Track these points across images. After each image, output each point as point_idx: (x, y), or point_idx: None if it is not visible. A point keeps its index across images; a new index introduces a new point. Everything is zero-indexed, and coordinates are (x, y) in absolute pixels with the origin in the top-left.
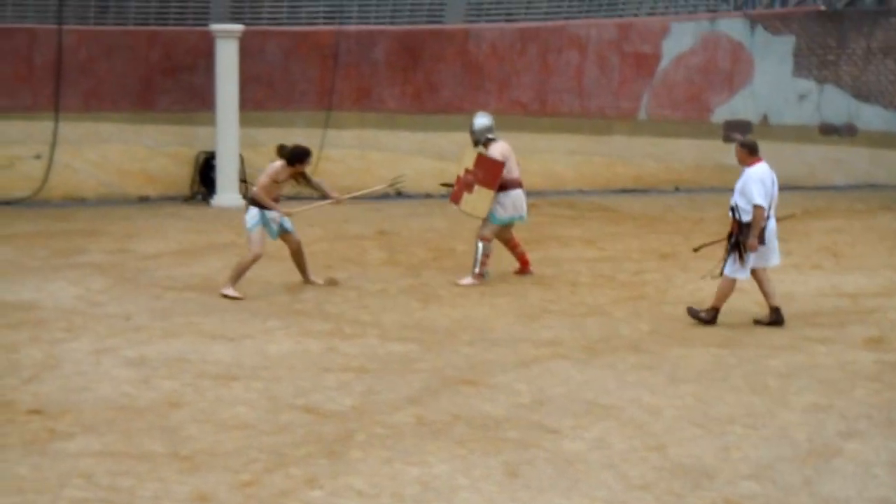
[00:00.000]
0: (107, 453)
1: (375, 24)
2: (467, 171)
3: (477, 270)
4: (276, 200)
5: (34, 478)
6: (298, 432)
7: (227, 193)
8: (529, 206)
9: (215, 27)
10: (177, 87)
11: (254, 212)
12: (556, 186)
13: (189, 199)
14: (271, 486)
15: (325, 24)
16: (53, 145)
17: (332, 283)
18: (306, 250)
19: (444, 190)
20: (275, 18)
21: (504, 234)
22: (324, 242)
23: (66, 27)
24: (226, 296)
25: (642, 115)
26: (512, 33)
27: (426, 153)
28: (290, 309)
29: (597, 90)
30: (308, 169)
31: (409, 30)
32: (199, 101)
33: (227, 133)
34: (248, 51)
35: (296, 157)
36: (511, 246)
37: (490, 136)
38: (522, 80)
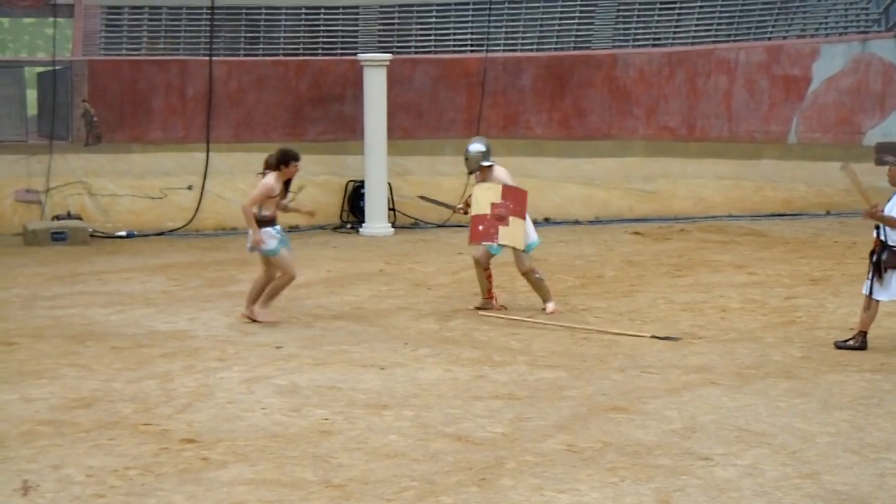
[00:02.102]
0: (259, 481)
1: (522, 50)
2: (495, 205)
3: (549, 294)
4: (274, 217)
5: None
6: (449, 460)
7: (377, 222)
8: (678, 231)
9: (363, 56)
10: (326, 116)
11: (270, 233)
12: (705, 211)
13: (338, 227)
14: None
15: (472, 51)
16: (205, 176)
17: (250, 319)
18: (448, 279)
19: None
20: (422, 46)
21: (487, 260)
22: (471, 270)
23: (216, 59)
24: (262, 321)
25: (792, 138)
26: (660, 58)
27: (574, 179)
28: (440, 337)
29: (746, 114)
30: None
31: (556, 56)
32: (348, 130)
33: (375, 162)
34: (396, 79)
35: (285, 157)
36: (488, 275)
37: (486, 162)
38: (670, 105)
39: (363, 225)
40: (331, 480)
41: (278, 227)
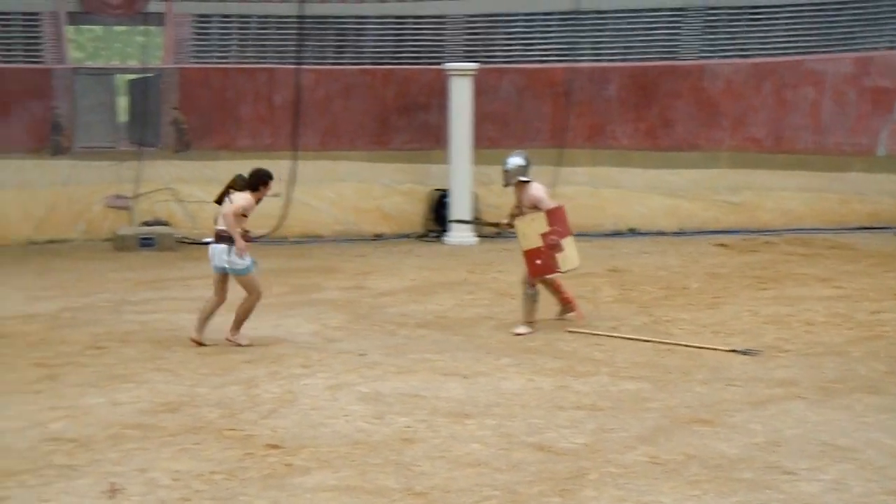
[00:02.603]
0: (342, 488)
1: (608, 60)
2: (545, 235)
3: (533, 320)
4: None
5: None
6: (531, 470)
7: (460, 231)
8: (763, 244)
9: (449, 66)
10: (411, 125)
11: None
12: (790, 224)
13: (422, 236)
14: None
15: (558, 61)
16: (292, 184)
17: (200, 344)
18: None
19: (491, 230)
20: (508, 56)
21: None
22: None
23: (304, 67)
24: (238, 343)
25: (880, 150)
26: (747, 69)
27: (659, 190)
28: (523, 347)
29: (833, 126)
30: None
31: (642, 66)
32: (434, 139)
33: (460, 171)
34: (482, 88)
35: (260, 179)
36: (555, 286)
37: (524, 178)
38: (757, 117)
39: (447, 234)
40: (413, 488)
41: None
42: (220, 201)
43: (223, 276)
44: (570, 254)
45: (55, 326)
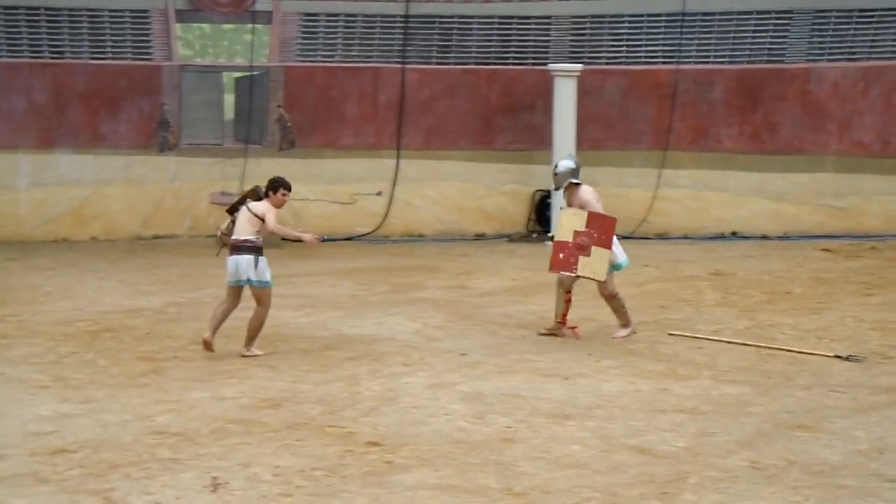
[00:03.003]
0: (442, 487)
1: (714, 63)
2: (578, 233)
3: (629, 321)
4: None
5: None
6: (631, 472)
7: None
8: (869, 249)
9: (554, 66)
10: (515, 125)
11: (264, 262)
12: None
13: (524, 236)
14: None
15: (663, 62)
16: (395, 182)
17: (210, 347)
18: (633, 290)
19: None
20: (613, 57)
21: (571, 283)
22: (658, 283)
23: (409, 66)
24: (254, 355)
25: None
26: (855, 72)
27: (763, 194)
28: (624, 349)
29: None
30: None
31: (749, 69)
32: (537, 140)
33: None
34: (587, 90)
35: (274, 185)
36: (568, 298)
37: (575, 180)
38: (864, 121)
39: (549, 234)
40: (513, 488)
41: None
42: (233, 211)
43: (239, 287)
44: (595, 263)
45: (160, 321)
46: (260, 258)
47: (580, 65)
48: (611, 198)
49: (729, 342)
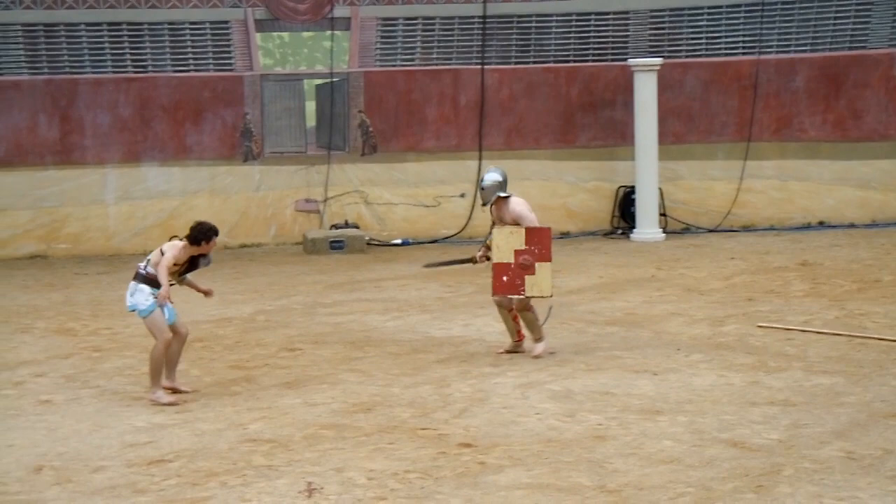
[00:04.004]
0: (535, 486)
1: (795, 51)
2: (518, 252)
3: (542, 335)
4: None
5: None
6: (725, 466)
7: (648, 227)
8: None
9: (634, 61)
10: (596, 122)
11: (146, 292)
12: None
13: (609, 233)
14: None
15: (743, 53)
16: (477, 184)
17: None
18: (720, 284)
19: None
20: (693, 50)
21: (510, 301)
22: (745, 275)
23: (488, 67)
24: (158, 402)
25: None
26: None
27: (849, 182)
28: (713, 342)
29: None
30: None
31: (831, 56)
32: (619, 136)
33: (646, 167)
34: (667, 83)
35: (202, 234)
36: (514, 315)
37: (503, 193)
38: None
39: (634, 230)
40: (606, 485)
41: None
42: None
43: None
44: (541, 280)
45: (250, 329)
46: (140, 286)
47: (660, 59)
48: (695, 191)
49: (819, 332)
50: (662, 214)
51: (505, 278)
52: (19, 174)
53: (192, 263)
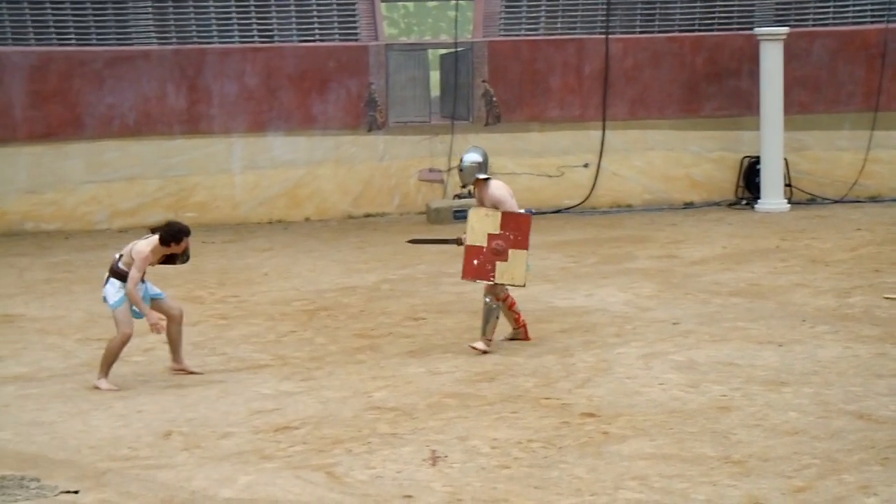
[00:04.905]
0: (659, 456)
1: None
2: (492, 236)
3: (492, 337)
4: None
5: (591, 479)
6: (850, 438)
7: (773, 198)
8: None
9: (760, 31)
10: (721, 92)
11: (116, 285)
12: None
13: (733, 203)
14: (825, 493)
15: (871, 22)
16: (601, 154)
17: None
18: (846, 255)
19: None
20: (820, 19)
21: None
22: (872, 246)
23: (612, 36)
24: (98, 388)
25: None
26: None
27: None
28: (839, 314)
29: None
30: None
31: None
32: (744, 106)
33: (771, 137)
34: (793, 53)
35: (171, 236)
36: (511, 302)
37: (482, 175)
38: None
39: (758, 201)
40: (730, 456)
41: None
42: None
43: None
44: (513, 268)
45: (374, 298)
46: (112, 279)
47: (786, 28)
48: (820, 162)
49: None
50: (787, 185)
51: (476, 262)
52: (148, 143)
53: (168, 259)
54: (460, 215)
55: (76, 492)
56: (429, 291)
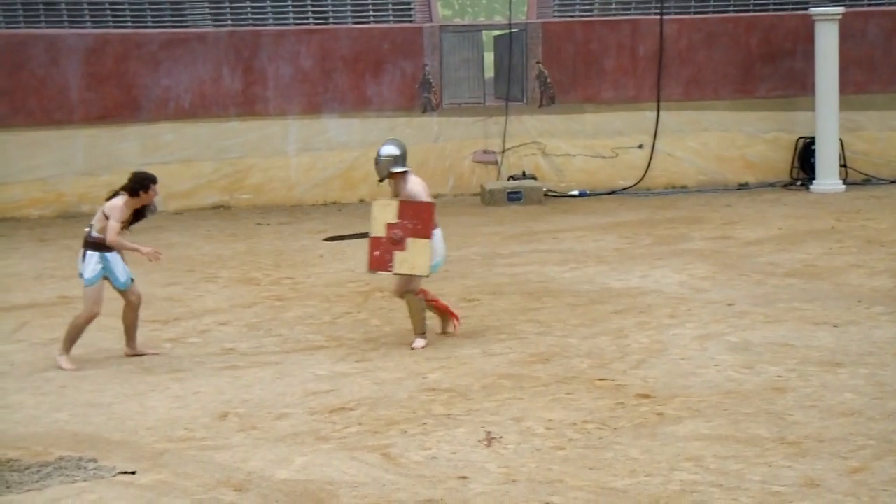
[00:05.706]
0: (714, 437)
1: None
2: (390, 225)
3: (425, 329)
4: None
5: (646, 460)
6: None
7: (828, 178)
8: None
9: (815, 10)
10: (776, 72)
11: (95, 257)
12: None
13: (788, 184)
14: (881, 473)
15: None
16: (655, 135)
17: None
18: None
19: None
20: None
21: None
22: None
23: (667, 17)
24: (60, 367)
25: None
26: None
27: None
28: (894, 294)
29: None
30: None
31: None
32: (799, 87)
33: (826, 117)
34: (849, 33)
35: (139, 184)
36: (429, 300)
37: (398, 168)
38: None
39: (814, 182)
40: (786, 437)
41: (112, 255)
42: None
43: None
44: (413, 257)
45: (429, 280)
46: (89, 252)
47: (842, 7)
48: (876, 142)
49: None
50: (843, 165)
51: (377, 253)
52: (204, 125)
53: (138, 215)
54: (514, 197)
55: (133, 472)
56: (483, 273)
